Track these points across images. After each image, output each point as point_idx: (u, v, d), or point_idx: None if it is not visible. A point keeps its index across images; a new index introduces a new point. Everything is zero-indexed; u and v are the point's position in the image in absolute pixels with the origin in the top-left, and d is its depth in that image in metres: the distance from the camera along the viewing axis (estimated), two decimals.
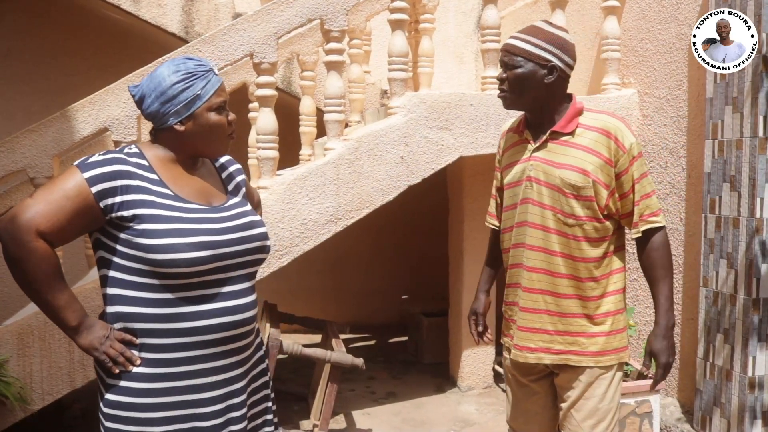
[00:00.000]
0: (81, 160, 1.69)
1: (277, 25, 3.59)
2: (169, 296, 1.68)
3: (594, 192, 2.07)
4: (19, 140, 3.40)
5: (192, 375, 1.71)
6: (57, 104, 4.09)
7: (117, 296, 1.70)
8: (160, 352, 1.68)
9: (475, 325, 2.47)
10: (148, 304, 1.68)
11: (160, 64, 1.78)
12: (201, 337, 1.70)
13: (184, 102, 1.73)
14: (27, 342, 3.40)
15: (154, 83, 1.74)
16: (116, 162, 1.69)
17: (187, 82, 1.73)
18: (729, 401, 3.43)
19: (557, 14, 4.10)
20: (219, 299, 1.73)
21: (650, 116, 4.17)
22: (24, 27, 5.61)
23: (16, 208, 1.64)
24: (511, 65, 2.09)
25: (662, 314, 2.11)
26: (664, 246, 2.12)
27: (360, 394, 4.67)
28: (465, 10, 6.58)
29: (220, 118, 1.78)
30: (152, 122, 1.78)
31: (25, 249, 1.63)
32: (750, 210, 3.32)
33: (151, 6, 4.93)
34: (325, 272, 6.30)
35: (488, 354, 4.72)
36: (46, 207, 1.62)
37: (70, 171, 1.67)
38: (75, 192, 1.64)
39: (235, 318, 1.75)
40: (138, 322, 1.68)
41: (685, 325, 3.90)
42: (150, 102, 1.75)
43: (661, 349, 2.10)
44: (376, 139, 3.72)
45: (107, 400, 1.71)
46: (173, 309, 1.68)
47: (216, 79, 1.78)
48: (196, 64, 1.76)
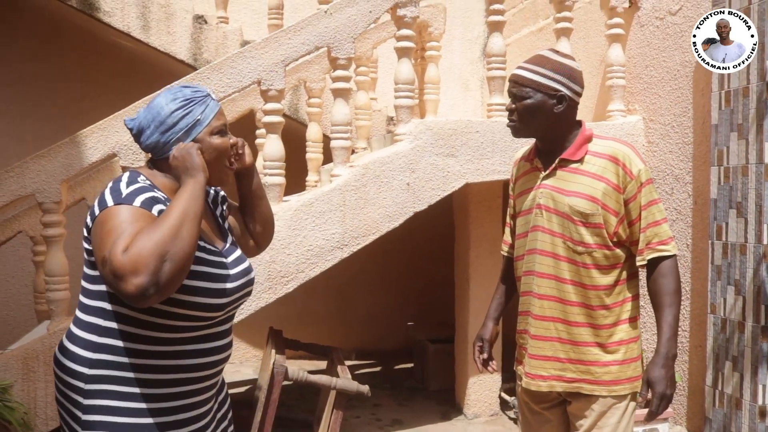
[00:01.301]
0: (114, 199, 1.58)
1: (285, 52, 3.63)
2: (169, 335, 1.65)
3: (603, 219, 2.07)
4: (29, 165, 3.42)
5: (174, 411, 1.68)
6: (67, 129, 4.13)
7: (112, 330, 1.64)
8: (147, 387, 1.64)
9: (480, 351, 2.44)
10: (146, 341, 1.64)
11: (157, 95, 1.76)
12: (191, 374, 1.70)
13: (185, 128, 1.71)
14: (32, 367, 3.39)
15: (152, 113, 1.71)
16: (145, 190, 1.63)
17: (186, 109, 1.71)
18: (739, 430, 3.39)
19: (562, 42, 4.14)
20: (211, 339, 1.73)
21: (656, 143, 4.18)
22: (35, 53, 5.68)
23: (110, 262, 1.46)
24: (520, 96, 2.10)
25: (663, 343, 2.05)
26: (672, 273, 2.08)
27: (365, 421, 4.63)
28: (471, 37, 6.65)
29: (224, 141, 1.77)
30: (153, 154, 1.75)
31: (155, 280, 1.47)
32: (757, 236, 3.31)
33: (160, 33, 4.99)
34: (330, 298, 6.29)
35: (495, 381, 4.68)
36: (131, 236, 1.49)
37: (115, 210, 1.56)
38: (145, 216, 1.56)
39: (221, 356, 1.78)
40: (131, 357, 1.63)
41: (693, 352, 3.87)
42: (150, 133, 1.72)
43: (658, 378, 2.02)
44: (383, 165, 3.73)
45: (88, 422, 1.64)
46: (170, 347, 1.66)
47: (214, 103, 1.77)
48: (193, 91, 1.75)
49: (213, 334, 1.74)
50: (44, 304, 3.87)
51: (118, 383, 1.63)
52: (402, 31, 3.78)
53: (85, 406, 1.64)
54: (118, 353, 1.63)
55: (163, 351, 1.65)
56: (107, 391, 1.63)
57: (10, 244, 4.40)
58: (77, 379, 1.66)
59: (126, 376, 1.63)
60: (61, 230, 3.49)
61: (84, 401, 1.65)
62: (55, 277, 3.45)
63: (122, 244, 1.46)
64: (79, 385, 1.66)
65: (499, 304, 2.49)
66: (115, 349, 1.64)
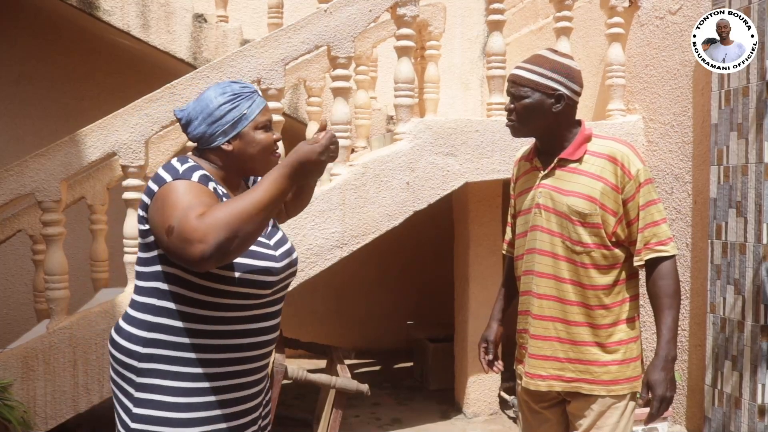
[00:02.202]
0: (170, 175, 1.67)
1: (285, 51, 3.63)
2: (220, 314, 1.72)
3: (601, 219, 2.06)
4: (28, 164, 3.42)
5: (222, 390, 1.74)
6: (67, 128, 4.14)
7: (166, 309, 1.71)
8: (198, 366, 1.70)
9: (485, 352, 2.42)
10: (198, 320, 1.70)
11: (207, 89, 1.84)
12: (240, 354, 1.76)
13: (231, 122, 1.78)
14: (31, 365, 3.39)
15: (201, 106, 1.79)
16: (198, 168, 1.73)
17: (234, 103, 1.78)
18: (738, 429, 3.39)
19: (562, 41, 4.14)
20: (260, 320, 1.79)
21: (655, 142, 4.18)
22: (35, 52, 5.69)
23: (182, 226, 1.53)
24: (519, 96, 2.10)
25: (663, 345, 2.04)
26: (671, 275, 2.07)
27: (365, 420, 4.63)
28: (470, 37, 6.65)
29: (267, 136, 1.83)
30: (198, 144, 1.83)
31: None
32: (756, 236, 3.31)
33: (160, 32, 4.99)
34: (330, 297, 6.29)
35: (494, 380, 4.68)
36: (200, 205, 1.57)
37: (175, 185, 1.64)
38: (205, 191, 1.65)
39: (269, 337, 1.84)
40: (183, 336, 1.70)
41: (693, 351, 3.87)
42: (197, 124, 1.80)
43: (658, 380, 2.02)
44: (382, 164, 3.73)
45: (136, 415, 1.71)
46: (221, 326, 1.72)
47: (260, 99, 1.84)
48: (241, 86, 1.82)
49: (262, 314, 1.80)
50: (44, 302, 3.87)
51: (170, 362, 1.70)
52: (402, 30, 3.78)
53: (138, 384, 1.71)
54: (172, 332, 1.70)
55: (214, 330, 1.71)
56: (160, 370, 1.70)
57: (9, 242, 4.40)
58: (131, 358, 1.73)
59: (178, 356, 1.70)
60: (60, 229, 3.49)
61: (137, 379, 1.71)
62: (54, 275, 3.45)
63: (197, 211, 1.54)
64: (132, 364, 1.72)
65: (502, 304, 2.47)
66: (169, 328, 1.70)
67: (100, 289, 4.19)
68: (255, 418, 1.86)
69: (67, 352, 3.41)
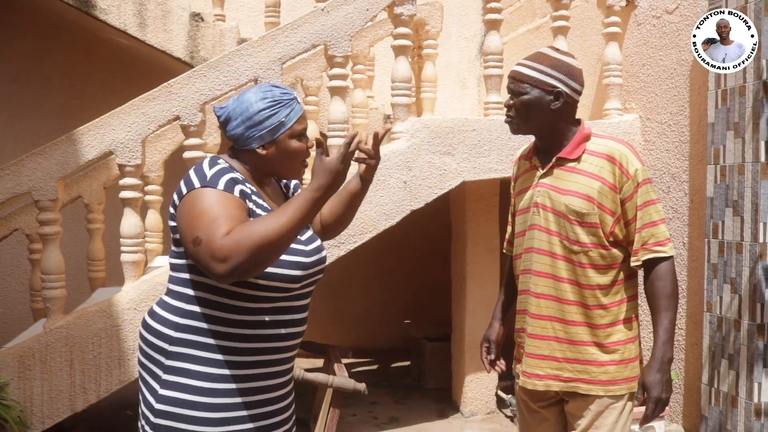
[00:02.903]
0: (199, 181, 1.71)
1: (282, 50, 3.62)
2: (250, 305, 1.75)
3: (599, 219, 2.06)
4: (25, 163, 3.42)
5: (248, 379, 1.78)
6: (64, 127, 4.12)
7: (199, 298, 1.76)
8: (226, 354, 1.75)
9: (487, 352, 2.42)
10: (229, 310, 1.75)
11: (248, 89, 1.84)
12: (269, 344, 1.80)
13: (269, 128, 1.80)
14: (28, 365, 3.39)
15: (242, 108, 1.80)
16: (227, 171, 1.76)
17: (273, 109, 1.80)
18: (735, 428, 3.40)
19: (559, 40, 4.14)
20: (289, 312, 1.83)
21: (652, 141, 4.19)
22: (32, 50, 5.67)
23: (208, 242, 1.60)
24: (518, 92, 2.10)
25: (659, 347, 2.03)
26: (669, 276, 2.05)
27: (362, 419, 4.63)
28: (468, 36, 6.65)
29: (300, 145, 1.86)
30: (234, 143, 1.86)
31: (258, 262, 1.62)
32: (753, 235, 3.32)
33: (157, 31, 4.98)
34: (327, 296, 6.27)
35: (491, 379, 4.68)
36: (226, 220, 1.62)
37: (201, 193, 1.69)
38: (230, 201, 1.68)
39: (297, 329, 1.87)
40: (214, 324, 1.75)
41: (690, 350, 3.88)
42: (235, 125, 1.81)
43: (653, 382, 2.02)
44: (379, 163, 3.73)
45: (162, 396, 1.75)
46: (250, 317, 1.76)
47: (299, 107, 1.85)
48: (282, 92, 1.83)
49: (290, 307, 1.84)
50: (40, 302, 3.87)
51: (200, 348, 1.74)
52: (399, 29, 3.78)
53: (167, 367, 1.77)
54: (203, 320, 1.75)
55: (243, 320, 1.76)
56: (189, 355, 1.75)
57: (6, 242, 4.39)
58: (162, 340, 1.78)
59: (208, 343, 1.74)
60: (57, 228, 3.48)
61: (166, 362, 1.77)
62: (51, 275, 3.45)
63: (224, 229, 1.59)
64: (163, 346, 1.78)
65: (504, 303, 2.46)
66: (201, 316, 1.75)
67: (97, 289, 4.18)
68: (280, 422, 1.88)
69: (64, 351, 3.41)
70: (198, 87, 3.52)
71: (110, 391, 3.48)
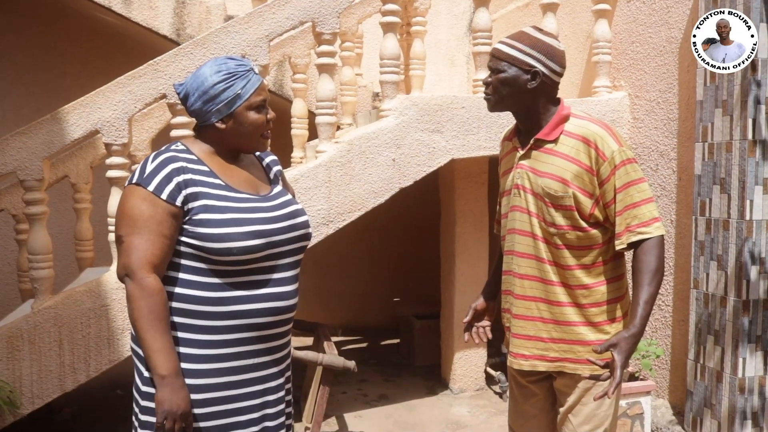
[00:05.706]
0: (138, 176, 1.77)
1: (269, 27, 3.58)
2: (218, 281, 1.76)
3: (574, 201, 2.04)
4: (9, 143, 3.37)
5: (235, 357, 1.78)
6: (48, 106, 4.08)
7: (171, 278, 1.77)
8: (207, 333, 1.75)
9: (466, 316, 2.41)
10: (200, 287, 1.76)
11: (203, 64, 1.84)
12: (248, 320, 1.78)
13: (225, 101, 1.80)
14: (16, 345, 3.38)
15: (197, 82, 1.81)
16: (169, 162, 1.77)
17: (228, 82, 1.79)
18: (720, 403, 3.44)
19: (548, 18, 4.12)
20: (267, 285, 1.82)
21: (641, 119, 4.19)
22: (15, 29, 5.59)
23: (124, 257, 1.74)
24: (496, 69, 2.10)
25: (635, 322, 1.96)
26: (654, 251, 2.01)
27: (352, 397, 4.66)
28: (456, 13, 6.60)
29: (259, 117, 1.85)
30: (196, 119, 1.87)
31: (138, 286, 1.70)
32: (740, 212, 3.34)
33: (142, 8, 4.91)
34: (316, 275, 6.28)
35: (480, 356, 4.72)
36: (143, 241, 1.71)
37: (133, 192, 1.75)
38: (152, 209, 1.72)
39: (280, 304, 1.85)
40: (189, 303, 1.76)
41: (676, 326, 3.92)
42: (193, 100, 1.82)
43: (622, 349, 1.92)
44: (368, 141, 3.72)
45: (146, 378, 1.76)
46: (223, 293, 1.76)
47: (256, 78, 1.84)
48: (237, 64, 1.82)
49: (265, 280, 1.81)
50: (28, 282, 3.85)
51: (181, 329, 1.76)
52: (387, 6, 3.74)
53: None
54: (184, 300, 1.76)
55: (212, 297, 1.76)
56: (177, 337, 1.75)
57: None
58: None
59: (186, 323, 1.76)
60: (43, 208, 3.45)
61: None
62: (38, 255, 3.42)
63: (140, 255, 1.71)
64: None
65: (492, 278, 2.46)
66: (182, 297, 1.77)
67: (85, 269, 4.16)
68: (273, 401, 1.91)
69: (53, 331, 3.40)
70: (185, 65, 3.48)
71: (100, 371, 3.48)
